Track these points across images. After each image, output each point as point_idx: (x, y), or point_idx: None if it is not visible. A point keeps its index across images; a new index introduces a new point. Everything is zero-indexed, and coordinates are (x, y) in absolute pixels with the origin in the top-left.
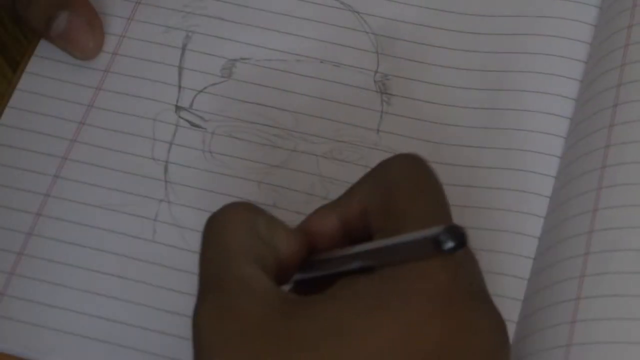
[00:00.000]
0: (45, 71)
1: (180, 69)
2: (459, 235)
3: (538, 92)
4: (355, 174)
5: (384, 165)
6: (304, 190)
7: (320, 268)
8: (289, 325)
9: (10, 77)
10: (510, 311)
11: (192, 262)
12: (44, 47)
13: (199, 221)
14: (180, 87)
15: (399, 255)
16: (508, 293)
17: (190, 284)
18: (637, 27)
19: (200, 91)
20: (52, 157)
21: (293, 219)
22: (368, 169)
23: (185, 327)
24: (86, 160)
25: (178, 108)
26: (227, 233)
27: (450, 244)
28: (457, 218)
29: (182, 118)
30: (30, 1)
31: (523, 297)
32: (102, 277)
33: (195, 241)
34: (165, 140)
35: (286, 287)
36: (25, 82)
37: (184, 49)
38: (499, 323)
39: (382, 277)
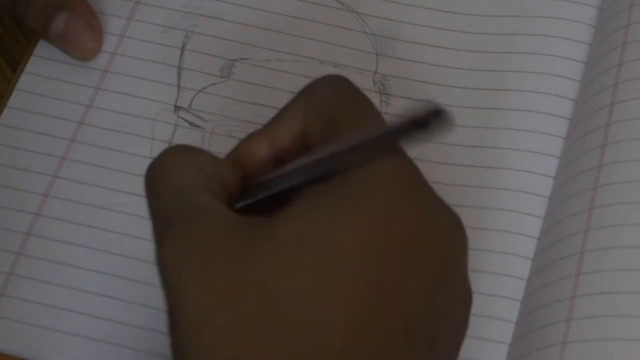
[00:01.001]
0: (44, 71)
1: (180, 69)
2: (442, 113)
3: (537, 93)
4: None
5: (314, 86)
6: None
7: (265, 190)
8: (260, 244)
9: (10, 77)
10: (509, 311)
11: None
12: (43, 47)
13: None
14: (179, 87)
15: (364, 154)
16: (507, 293)
17: None
18: (634, 26)
19: (200, 91)
20: (51, 157)
21: None
22: None
23: None
24: (85, 160)
25: (177, 108)
26: (174, 172)
27: (438, 120)
28: None
29: (181, 118)
30: (29, 2)
31: (522, 297)
32: (101, 277)
33: None
34: (164, 140)
35: None
36: (25, 82)
37: (183, 49)
38: (455, 218)
39: (344, 182)
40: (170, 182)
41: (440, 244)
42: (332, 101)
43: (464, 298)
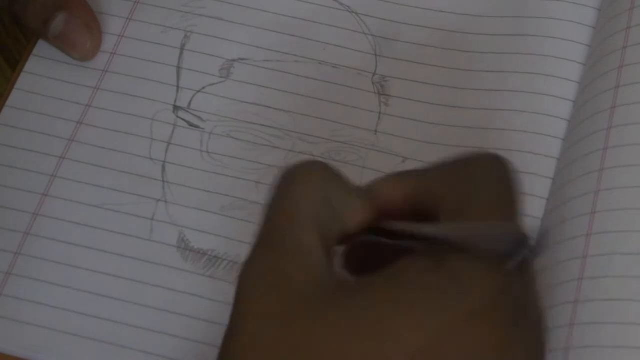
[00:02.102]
0: (43, 71)
1: (179, 69)
2: (538, 248)
3: (536, 94)
4: (353, 175)
5: (468, 158)
6: None
7: (381, 235)
8: (326, 307)
9: (9, 77)
10: None
11: (189, 262)
12: (42, 47)
13: (196, 221)
14: (178, 87)
15: (472, 243)
16: None
17: (187, 283)
18: (635, 29)
19: (199, 91)
20: (50, 157)
21: None
22: (366, 170)
23: (182, 327)
24: (84, 159)
25: (176, 108)
26: (299, 194)
27: (533, 253)
28: None
29: (180, 118)
30: (27, 2)
31: None
32: (100, 277)
33: (193, 240)
34: (163, 140)
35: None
36: (24, 81)
37: (182, 49)
38: (538, 354)
39: (438, 269)
40: (288, 203)
41: None
42: (477, 180)
43: None
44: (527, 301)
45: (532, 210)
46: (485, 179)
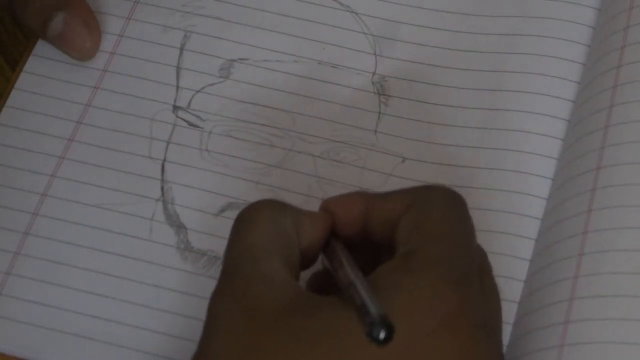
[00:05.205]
0: (43, 70)
1: (179, 68)
2: (388, 327)
3: (536, 94)
4: (352, 175)
5: (427, 189)
6: (301, 191)
7: (332, 265)
8: (291, 323)
9: (9, 76)
10: (506, 313)
11: (188, 262)
12: (42, 47)
13: (196, 221)
14: (178, 87)
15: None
16: (505, 295)
17: (186, 283)
18: (633, 28)
19: (198, 91)
20: (50, 157)
21: None
22: (365, 170)
23: (181, 327)
24: (84, 159)
25: (176, 108)
26: (253, 233)
27: (380, 334)
28: None
29: (180, 118)
30: (27, 2)
31: (519, 299)
32: (99, 277)
33: (193, 240)
34: (163, 139)
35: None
36: (23, 81)
37: (182, 48)
38: (497, 356)
39: (401, 281)
40: (246, 241)
41: None
42: (433, 212)
43: None
44: (488, 314)
45: (532, 210)
46: (437, 208)
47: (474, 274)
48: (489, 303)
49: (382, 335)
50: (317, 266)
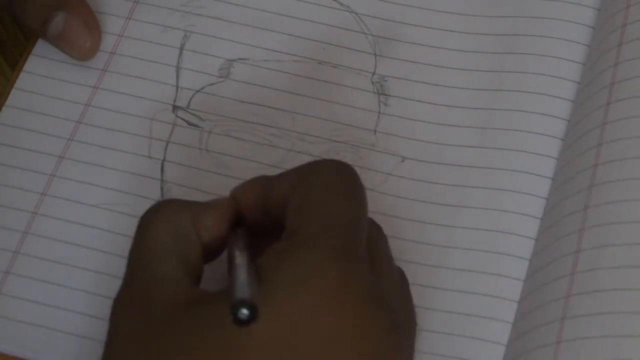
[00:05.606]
0: (42, 70)
1: (178, 68)
2: (251, 308)
3: (535, 93)
4: None
5: (311, 166)
6: None
7: (228, 252)
8: (184, 323)
9: (9, 76)
10: (506, 312)
11: None
12: (42, 46)
13: None
14: (177, 86)
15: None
16: (504, 294)
17: None
18: (631, 25)
19: (198, 91)
20: (50, 156)
21: None
22: (365, 170)
23: None
24: (83, 159)
25: (175, 107)
26: (149, 236)
27: (243, 315)
28: (453, 218)
29: (180, 117)
30: (26, 2)
31: (519, 298)
32: (99, 277)
33: None
34: (163, 139)
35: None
36: (23, 81)
37: (181, 48)
38: (391, 325)
39: (280, 263)
40: (143, 240)
41: (366, 355)
42: (315, 189)
43: None
44: (379, 287)
45: (532, 210)
46: (318, 184)
47: (358, 248)
48: (381, 276)
49: (241, 315)
50: None
